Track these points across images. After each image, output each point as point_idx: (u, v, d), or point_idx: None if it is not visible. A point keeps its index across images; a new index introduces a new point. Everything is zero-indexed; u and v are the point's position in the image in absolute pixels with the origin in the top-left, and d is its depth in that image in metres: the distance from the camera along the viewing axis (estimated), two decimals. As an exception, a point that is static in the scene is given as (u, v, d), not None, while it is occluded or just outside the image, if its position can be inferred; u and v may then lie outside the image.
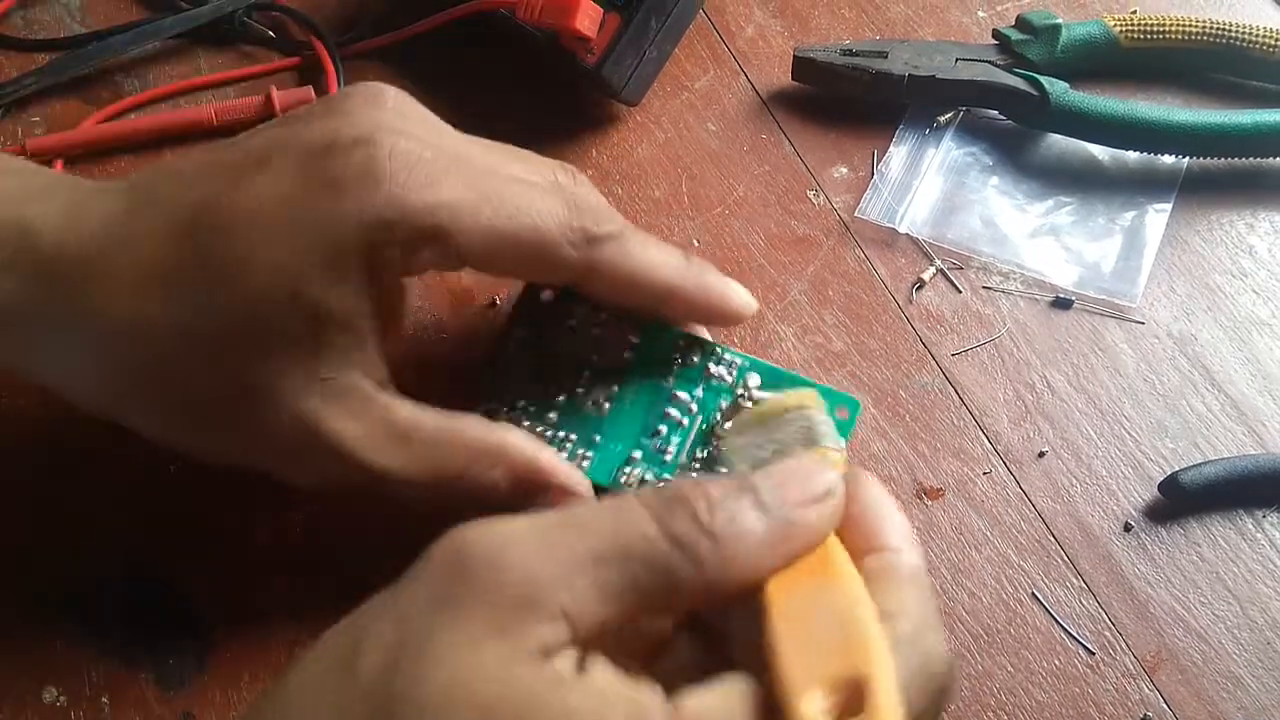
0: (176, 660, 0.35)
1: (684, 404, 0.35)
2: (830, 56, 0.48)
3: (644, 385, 0.35)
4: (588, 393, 0.35)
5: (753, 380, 0.35)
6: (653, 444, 0.35)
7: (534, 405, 0.35)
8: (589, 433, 0.35)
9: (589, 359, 0.36)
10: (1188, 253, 0.45)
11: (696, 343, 0.36)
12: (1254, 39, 0.48)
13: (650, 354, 0.36)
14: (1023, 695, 0.35)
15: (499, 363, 0.36)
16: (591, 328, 0.36)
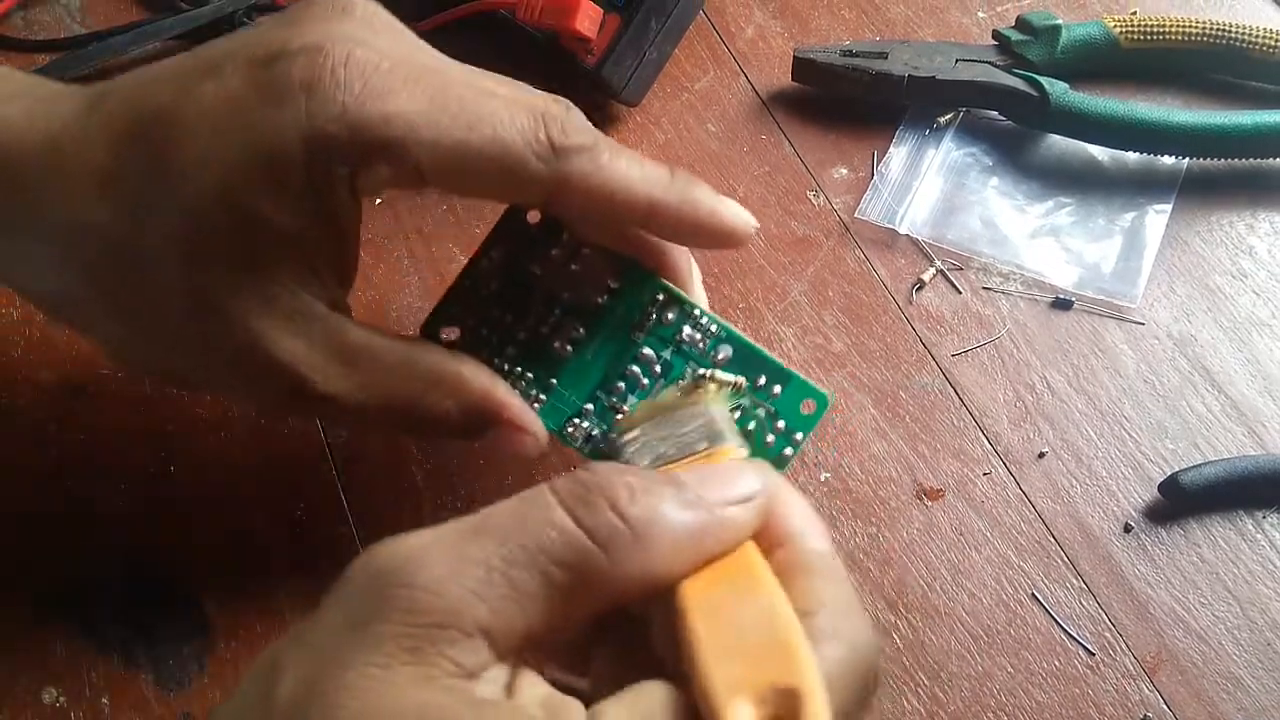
0: (176, 660, 0.35)
1: (649, 363, 0.33)
2: (830, 57, 0.48)
3: (612, 335, 0.33)
4: (552, 332, 0.33)
5: (722, 352, 0.33)
6: (608, 399, 0.33)
7: (495, 335, 0.34)
8: (545, 375, 0.33)
9: (561, 295, 0.33)
10: (1188, 253, 0.45)
11: (676, 300, 0.33)
12: (1254, 40, 0.48)
13: (627, 302, 0.33)
14: (1023, 696, 0.35)
15: (465, 281, 0.34)
16: (570, 262, 0.34)
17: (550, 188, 0.30)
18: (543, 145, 0.29)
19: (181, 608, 0.36)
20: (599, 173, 0.30)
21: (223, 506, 0.38)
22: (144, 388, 0.40)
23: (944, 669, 0.36)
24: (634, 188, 0.31)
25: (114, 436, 0.39)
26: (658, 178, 0.31)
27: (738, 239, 0.33)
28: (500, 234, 0.34)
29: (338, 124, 0.27)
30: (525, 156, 0.29)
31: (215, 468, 0.38)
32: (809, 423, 0.33)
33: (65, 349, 0.41)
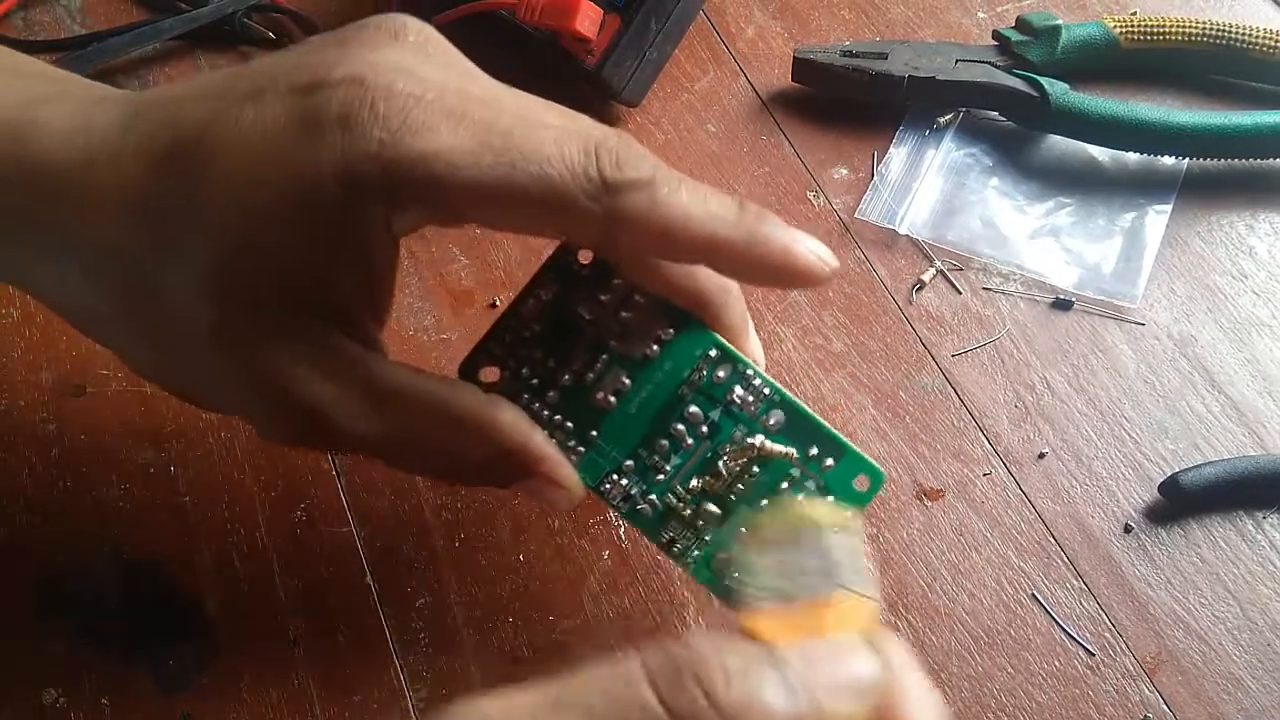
0: (176, 660, 0.35)
1: (695, 423, 0.31)
2: (830, 58, 0.48)
3: (659, 389, 0.31)
4: (597, 381, 0.32)
5: (774, 418, 0.31)
6: (649, 457, 0.31)
7: (536, 379, 0.32)
8: (586, 426, 0.32)
9: (608, 343, 0.32)
10: (1188, 254, 0.45)
11: (730, 358, 0.31)
12: (1254, 40, 0.48)
13: (677, 356, 0.32)
14: (1023, 697, 0.35)
15: (509, 320, 0.32)
16: (621, 309, 0.32)
17: (603, 226, 0.28)
18: (594, 181, 0.27)
19: (181, 608, 0.36)
20: (655, 209, 0.28)
21: (223, 506, 0.38)
22: (144, 388, 0.40)
23: (944, 670, 0.36)
24: (694, 225, 0.28)
25: (114, 436, 0.39)
26: (722, 214, 0.29)
27: (813, 279, 0.30)
28: (549, 273, 0.32)
29: (373, 163, 0.26)
30: (574, 194, 0.27)
31: (215, 468, 0.38)
32: (861, 500, 0.31)
33: (65, 349, 0.41)
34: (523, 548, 0.37)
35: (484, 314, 0.42)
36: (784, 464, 0.31)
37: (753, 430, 0.31)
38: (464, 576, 0.37)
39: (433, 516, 0.38)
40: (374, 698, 0.35)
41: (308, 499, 0.38)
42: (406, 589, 0.37)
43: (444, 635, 0.36)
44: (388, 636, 0.36)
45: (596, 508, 0.38)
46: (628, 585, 0.37)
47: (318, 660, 0.35)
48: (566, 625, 0.36)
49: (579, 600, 0.37)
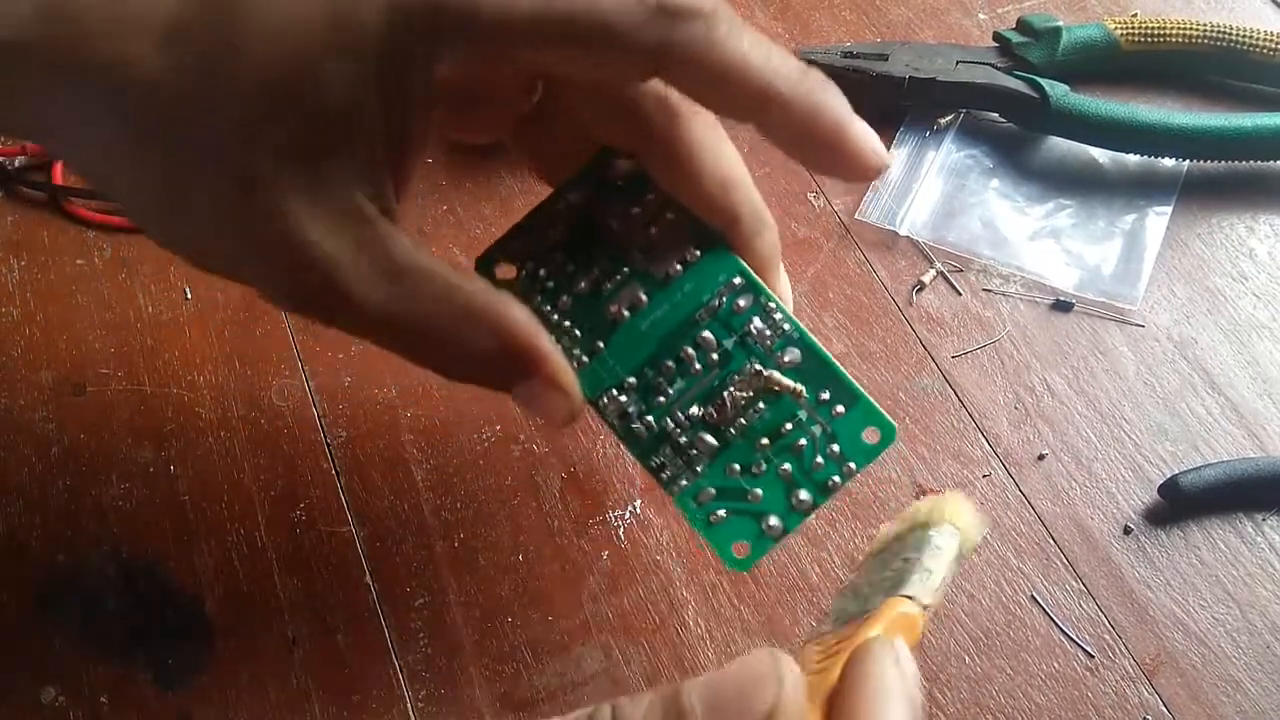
0: (176, 660, 0.35)
1: (707, 349, 0.30)
2: (831, 59, 0.48)
3: (676, 310, 0.30)
4: (614, 292, 0.31)
5: (789, 355, 0.30)
6: (654, 377, 0.30)
7: (552, 280, 0.31)
8: (594, 337, 0.31)
9: (632, 256, 0.31)
10: (1188, 256, 0.45)
11: (753, 288, 0.30)
12: (1254, 42, 0.48)
13: (700, 278, 0.30)
14: (1022, 698, 0.35)
15: (535, 219, 0.31)
16: (652, 224, 0.31)
17: (656, 56, 0.26)
18: (648, 8, 0.26)
19: (181, 607, 0.36)
20: (712, 46, 0.26)
21: (223, 506, 0.38)
22: (144, 387, 0.40)
23: (943, 671, 0.36)
24: (751, 71, 0.27)
25: (114, 436, 0.39)
26: (784, 69, 0.27)
27: (860, 168, 0.28)
28: (583, 179, 0.31)
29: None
30: (626, 20, 0.26)
31: (215, 468, 0.38)
32: (868, 454, 0.30)
33: (65, 349, 0.41)
34: (523, 548, 0.37)
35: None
36: (791, 404, 0.30)
37: (766, 364, 0.30)
38: (464, 576, 0.37)
39: (432, 516, 0.38)
40: (374, 698, 0.35)
41: (308, 499, 0.38)
42: (406, 589, 0.37)
43: (444, 635, 0.36)
44: (387, 636, 0.36)
45: (596, 507, 0.38)
46: (628, 585, 0.37)
47: (317, 660, 0.35)
48: (566, 625, 0.36)
49: (579, 600, 0.37)
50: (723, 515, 0.30)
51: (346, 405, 0.40)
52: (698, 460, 0.30)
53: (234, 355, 0.41)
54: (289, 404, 0.40)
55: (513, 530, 0.38)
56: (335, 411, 0.40)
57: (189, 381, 0.40)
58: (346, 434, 0.39)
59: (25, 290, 0.42)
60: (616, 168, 0.31)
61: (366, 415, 0.40)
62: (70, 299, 0.42)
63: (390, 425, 0.40)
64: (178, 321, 0.42)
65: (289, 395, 0.40)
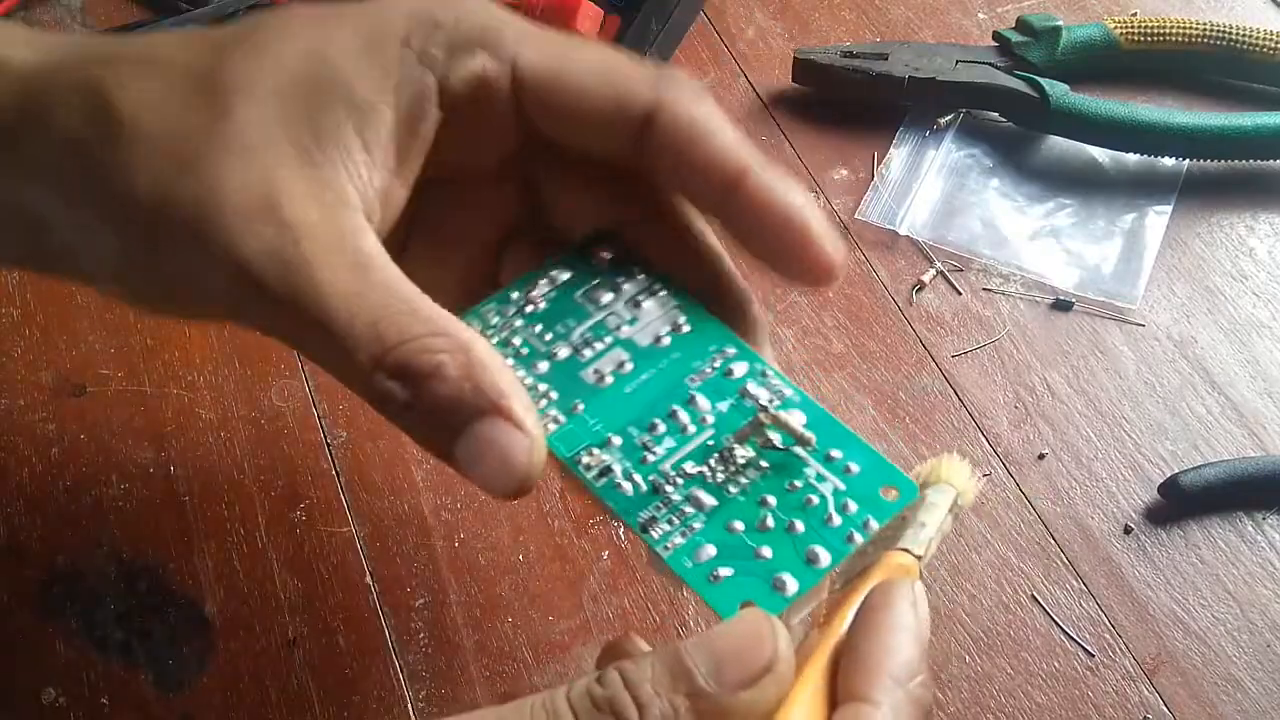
0: (176, 660, 0.35)
1: (701, 409, 0.28)
2: (831, 58, 0.48)
3: (663, 375, 0.29)
4: (597, 357, 0.29)
5: (795, 418, 0.28)
6: (639, 438, 0.28)
7: (527, 348, 0.29)
8: (571, 398, 0.28)
9: (618, 329, 0.29)
10: (1188, 255, 0.45)
11: (747, 358, 0.29)
12: (1254, 41, 0.48)
13: (690, 346, 0.29)
14: (1022, 697, 0.35)
15: (513, 291, 0.30)
16: (640, 297, 0.30)
17: (650, 110, 0.27)
18: (646, 68, 0.28)
19: (181, 608, 0.36)
20: (699, 112, 0.28)
21: (223, 507, 0.38)
22: (144, 387, 0.40)
23: (944, 670, 0.36)
24: (729, 145, 0.28)
25: (114, 436, 0.39)
26: (758, 155, 0.28)
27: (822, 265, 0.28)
28: (569, 260, 0.30)
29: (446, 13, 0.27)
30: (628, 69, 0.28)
31: (215, 468, 0.38)
32: (886, 511, 0.27)
33: (65, 349, 0.41)
34: (523, 548, 0.37)
35: (484, 314, 0.42)
36: (798, 462, 0.28)
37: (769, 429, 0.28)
38: (464, 576, 0.37)
39: (433, 516, 0.38)
40: (374, 698, 0.35)
41: (308, 499, 0.38)
42: (406, 589, 0.37)
43: (444, 635, 0.36)
44: (387, 636, 0.36)
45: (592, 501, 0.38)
46: (627, 585, 0.37)
47: (318, 660, 0.35)
48: (566, 625, 0.36)
49: (579, 600, 0.37)
50: (725, 574, 0.26)
51: (346, 405, 0.40)
52: (694, 518, 0.27)
53: (234, 355, 0.41)
54: (289, 404, 0.40)
55: (513, 530, 0.38)
56: (335, 411, 0.40)
57: (189, 381, 0.40)
58: (346, 434, 0.39)
59: (25, 290, 0.42)
60: (602, 253, 0.30)
61: (366, 415, 0.40)
62: (70, 299, 0.42)
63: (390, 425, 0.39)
64: (177, 322, 0.42)
65: (289, 395, 0.40)
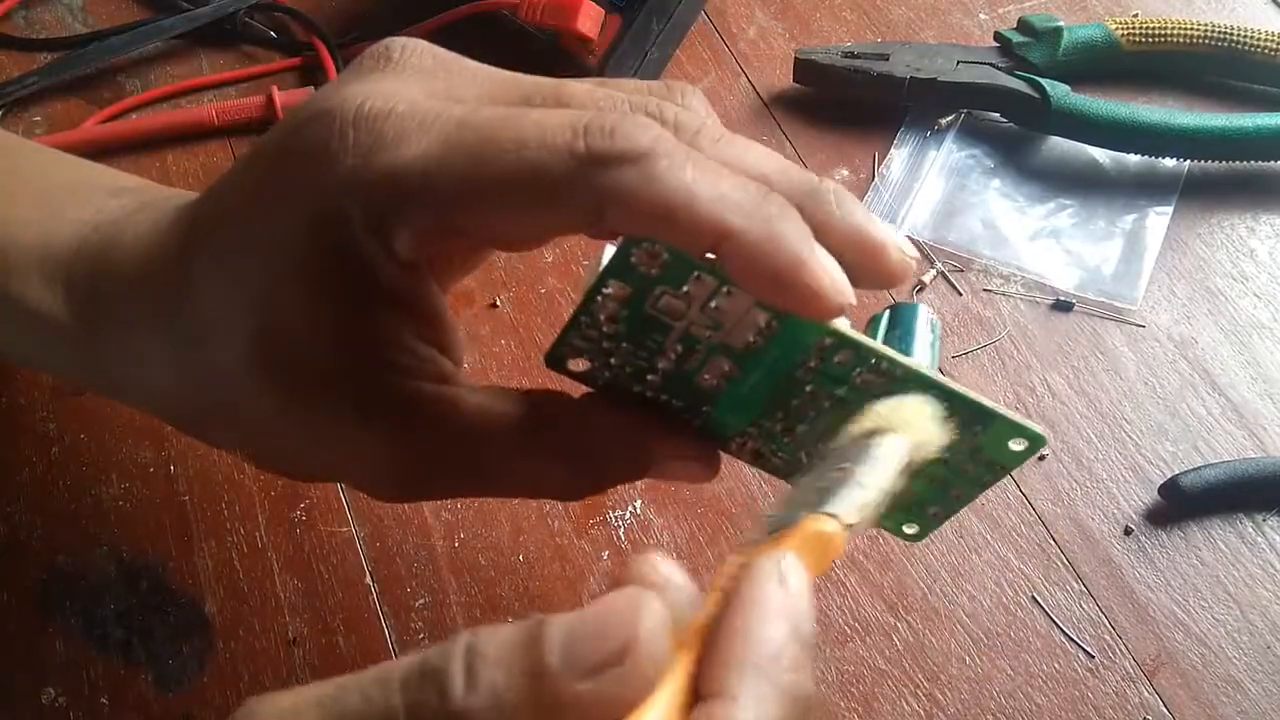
0: (176, 660, 0.35)
1: (819, 399, 0.28)
2: (832, 58, 0.48)
3: (771, 373, 0.27)
4: (699, 368, 0.28)
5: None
6: (772, 425, 0.28)
7: (629, 367, 0.28)
8: (697, 403, 0.29)
9: (702, 335, 0.27)
10: (1188, 256, 0.45)
11: (849, 345, 0.26)
12: (1255, 42, 0.48)
13: (787, 344, 0.27)
14: (1022, 699, 0.35)
15: (583, 318, 0.28)
16: (712, 299, 0.27)
17: (594, 208, 0.24)
18: (580, 156, 0.24)
19: (181, 608, 0.36)
20: (649, 186, 0.23)
21: (223, 506, 0.38)
22: (144, 387, 0.40)
23: (944, 671, 0.36)
24: (698, 206, 0.23)
25: (114, 436, 0.39)
26: (738, 197, 0.24)
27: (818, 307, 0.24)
28: (613, 270, 0.27)
29: (346, 191, 0.24)
30: (557, 174, 0.24)
31: (215, 468, 0.38)
32: (1017, 458, 0.27)
33: (66, 348, 0.41)
34: (523, 548, 0.37)
35: (484, 314, 0.42)
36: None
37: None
38: (464, 576, 0.37)
39: (433, 516, 0.38)
40: (374, 698, 0.35)
41: (308, 499, 0.38)
42: (406, 589, 0.37)
43: (444, 635, 0.36)
44: (387, 636, 0.36)
45: (596, 507, 0.38)
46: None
47: (317, 660, 0.35)
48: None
49: (579, 600, 0.37)
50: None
51: (347, 405, 0.40)
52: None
53: (234, 355, 0.41)
54: (289, 404, 0.40)
55: (513, 530, 0.38)
56: (335, 411, 0.40)
57: (189, 381, 0.40)
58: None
59: (25, 290, 0.42)
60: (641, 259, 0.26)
61: (367, 415, 0.40)
62: (70, 299, 0.42)
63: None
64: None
65: (289, 395, 0.40)
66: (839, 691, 0.35)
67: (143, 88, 0.48)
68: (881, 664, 0.36)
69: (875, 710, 0.35)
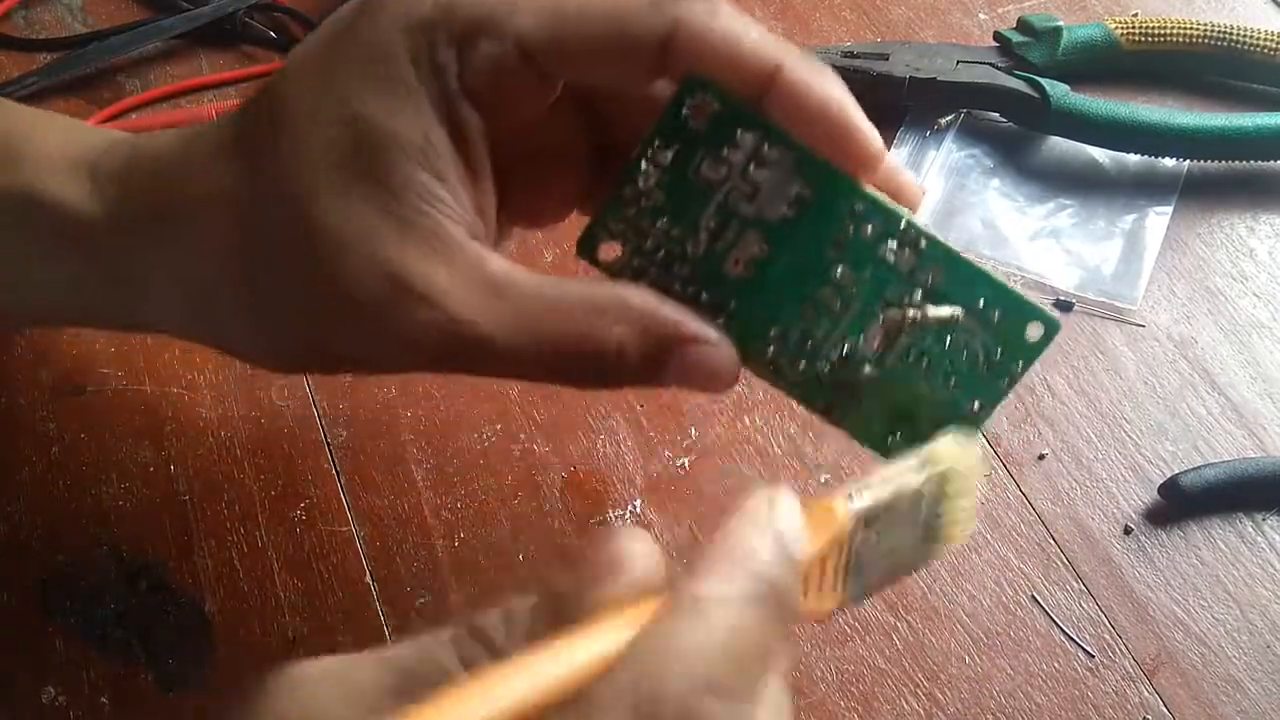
0: (176, 660, 0.35)
1: (845, 285, 0.28)
2: (831, 58, 0.48)
3: (800, 253, 0.28)
4: (730, 248, 0.28)
5: (933, 275, 0.28)
6: (795, 325, 0.28)
7: (662, 250, 0.29)
8: (721, 297, 0.29)
9: (739, 206, 0.28)
10: (1188, 256, 0.45)
11: (879, 210, 0.28)
12: (1255, 42, 0.48)
13: (820, 214, 0.28)
14: (1022, 698, 0.35)
15: (625, 189, 0.28)
16: (751, 165, 0.28)
17: (664, 36, 0.26)
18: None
19: (181, 608, 0.36)
20: (714, 16, 0.26)
21: (223, 506, 0.38)
22: (144, 387, 0.40)
23: (943, 671, 0.36)
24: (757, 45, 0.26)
25: (114, 436, 0.39)
26: (788, 48, 0.27)
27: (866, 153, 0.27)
28: (663, 129, 0.28)
29: (430, 7, 0.27)
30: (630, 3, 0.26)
31: (215, 467, 0.38)
32: (1031, 352, 0.28)
33: (65, 348, 0.41)
34: (523, 548, 0.37)
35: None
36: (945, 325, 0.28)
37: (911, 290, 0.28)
38: (464, 576, 0.37)
39: (433, 516, 0.38)
40: (374, 698, 0.35)
41: (308, 499, 0.38)
42: (406, 589, 0.37)
43: (444, 635, 0.36)
44: (387, 636, 0.36)
45: (596, 507, 0.38)
46: (628, 586, 0.37)
47: (317, 660, 0.35)
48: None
49: (579, 601, 0.37)
50: (898, 438, 0.29)
51: (346, 405, 0.40)
52: (859, 392, 0.29)
53: (234, 355, 0.41)
54: (289, 404, 0.40)
55: (513, 530, 0.38)
56: (335, 411, 0.40)
57: (189, 381, 0.40)
58: (346, 434, 0.39)
59: (25, 290, 0.42)
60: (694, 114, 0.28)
61: (366, 415, 0.40)
62: (70, 299, 0.42)
63: (390, 425, 0.40)
64: (178, 321, 0.42)
65: (289, 395, 0.40)
66: (839, 691, 0.35)
67: (142, 88, 0.48)
68: (881, 663, 0.36)
69: (875, 710, 0.35)
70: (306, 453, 0.39)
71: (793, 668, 0.35)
